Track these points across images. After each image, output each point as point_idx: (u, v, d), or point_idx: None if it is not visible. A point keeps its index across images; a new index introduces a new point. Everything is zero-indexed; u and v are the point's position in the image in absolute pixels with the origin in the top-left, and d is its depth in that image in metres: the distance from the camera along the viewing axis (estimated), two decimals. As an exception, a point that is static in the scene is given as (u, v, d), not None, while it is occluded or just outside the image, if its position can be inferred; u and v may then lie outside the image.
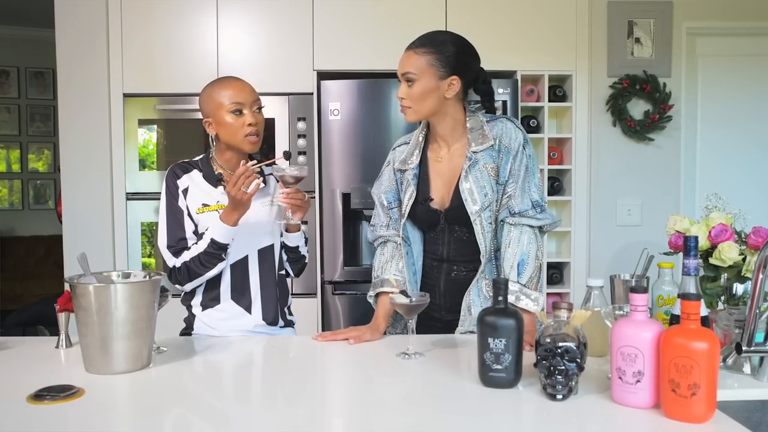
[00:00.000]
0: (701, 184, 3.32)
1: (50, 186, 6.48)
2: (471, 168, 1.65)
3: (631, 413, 1.11)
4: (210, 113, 1.70)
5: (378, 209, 1.80)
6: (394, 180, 1.77)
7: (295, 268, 1.90)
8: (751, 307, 1.22)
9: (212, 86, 1.73)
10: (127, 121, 3.06)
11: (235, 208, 1.62)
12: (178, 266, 1.67)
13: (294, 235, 1.81)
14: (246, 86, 1.71)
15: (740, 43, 3.33)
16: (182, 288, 1.72)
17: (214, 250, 1.64)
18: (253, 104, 1.70)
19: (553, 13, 3.11)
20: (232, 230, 1.64)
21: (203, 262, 1.65)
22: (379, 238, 1.79)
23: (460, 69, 1.63)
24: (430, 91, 1.61)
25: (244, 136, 1.67)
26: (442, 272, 1.73)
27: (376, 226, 1.80)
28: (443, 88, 1.62)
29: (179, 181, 1.72)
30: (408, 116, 1.65)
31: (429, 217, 1.71)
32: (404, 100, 1.64)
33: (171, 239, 1.69)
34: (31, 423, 1.10)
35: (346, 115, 2.98)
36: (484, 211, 1.64)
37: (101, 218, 3.09)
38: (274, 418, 1.16)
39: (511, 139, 1.65)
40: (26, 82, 6.36)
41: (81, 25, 3.07)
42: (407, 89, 1.63)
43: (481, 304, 1.67)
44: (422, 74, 1.60)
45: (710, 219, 1.51)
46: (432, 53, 1.61)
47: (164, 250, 1.69)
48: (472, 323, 1.67)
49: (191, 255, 1.66)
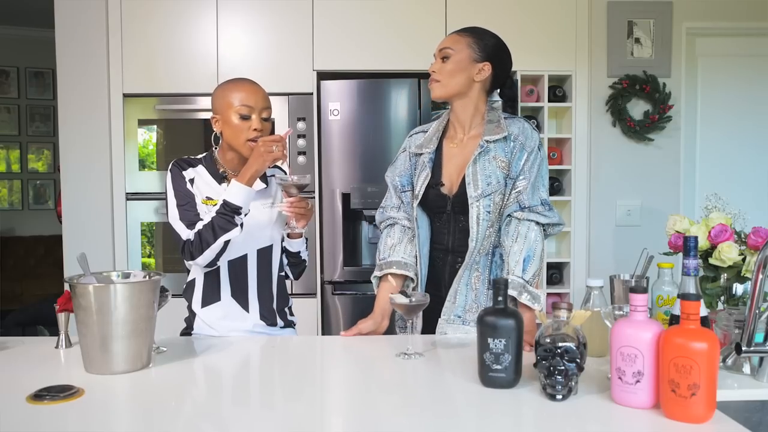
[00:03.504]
0: (701, 184, 3.32)
1: (50, 186, 6.48)
2: (481, 156, 1.67)
3: (631, 413, 1.11)
4: (219, 111, 1.71)
5: (390, 191, 1.83)
6: (409, 164, 1.81)
7: (295, 271, 1.91)
8: (751, 307, 1.22)
9: (226, 85, 1.74)
10: (127, 121, 3.06)
11: (253, 165, 1.62)
12: (191, 238, 1.63)
13: (296, 241, 1.82)
14: (259, 91, 1.72)
15: (740, 43, 3.33)
16: (195, 263, 1.66)
17: (227, 212, 1.61)
18: (263, 111, 1.71)
19: (553, 13, 3.11)
20: (244, 190, 1.62)
21: (215, 228, 1.61)
22: (387, 220, 1.81)
23: (494, 58, 1.71)
24: (463, 69, 1.68)
25: (246, 140, 1.68)
26: (447, 264, 1.75)
27: (386, 208, 1.83)
28: (474, 70, 1.69)
29: (185, 172, 1.73)
30: (435, 90, 1.71)
31: (437, 201, 1.73)
32: (435, 74, 1.70)
33: (184, 216, 1.68)
34: (30, 423, 1.10)
35: (345, 116, 2.98)
36: (484, 198, 1.65)
37: (101, 218, 3.09)
38: (273, 418, 1.16)
39: (527, 137, 1.69)
40: (26, 82, 6.35)
41: (81, 25, 3.08)
42: (441, 64, 1.70)
43: (465, 294, 1.68)
44: (459, 51, 1.69)
45: (710, 219, 1.51)
46: (473, 37, 1.71)
47: (177, 222, 1.67)
48: (454, 312, 1.68)
49: (203, 223, 1.63)
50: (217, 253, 1.64)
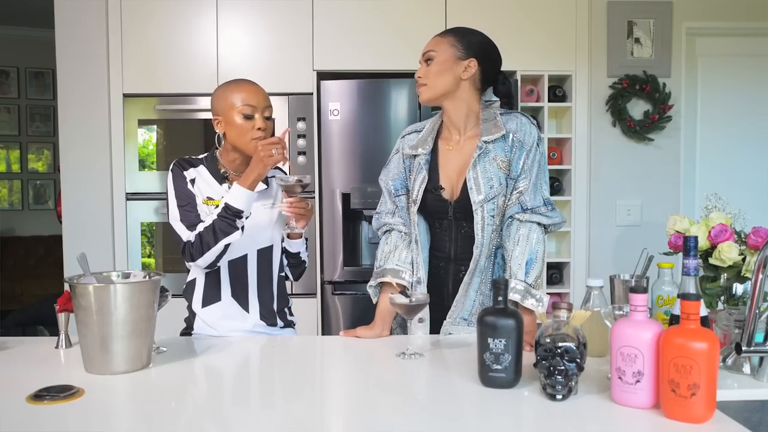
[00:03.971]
0: (701, 184, 3.32)
1: (50, 186, 6.48)
2: (480, 158, 1.63)
3: (631, 413, 1.11)
4: (221, 112, 1.71)
5: (385, 196, 1.79)
6: (403, 167, 1.76)
7: (295, 272, 1.91)
8: (751, 307, 1.22)
9: (227, 86, 1.74)
10: (127, 121, 3.06)
11: (254, 170, 1.62)
12: (192, 240, 1.64)
13: (296, 242, 1.82)
14: (260, 91, 1.72)
15: (740, 43, 3.33)
16: (196, 264, 1.67)
17: (228, 216, 1.61)
18: (265, 110, 1.71)
19: (553, 13, 3.11)
20: (246, 194, 1.62)
21: (216, 231, 1.61)
22: (384, 226, 1.78)
23: (479, 54, 1.67)
24: (447, 68, 1.65)
25: (251, 139, 1.68)
26: (449, 274, 1.71)
27: (382, 214, 1.79)
28: (460, 68, 1.65)
29: (186, 173, 1.73)
30: (422, 94, 1.67)
31: (438, 206, 1.69)
32: (421, 79, 1.67)
33: (185, 217, 1.68)
34: (30, 423, 1.10)
35: (345, 116, 2.98)
36: (488, 202, 1.62)
37: (101, 218, 3.09)
38: (273, 417, 1.16)
39: (525, 134, 1.65)
40: (26, 82, 6.35)
41: (81, 25, 3.08)
42: (425, 68, 1.67)
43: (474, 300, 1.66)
44: (442, 52, 1.66)
45: (710, 219, 1.51)
46: (455, 36, 1.68)
47: (177, 223, 1.68)
48: (461, 315, 1.67)
49: (205, 225, 1.63)
50: (217, 255, 1.64)
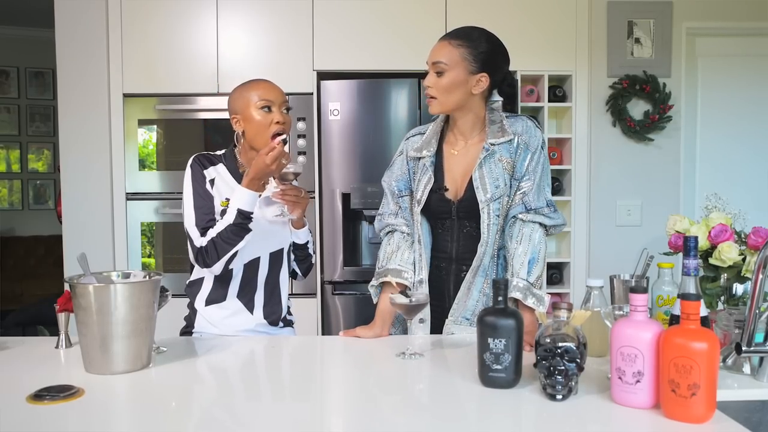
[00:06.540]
0: (701, 184, 3.32)
1: (50, 186, 6.48)
2: (486, 159, 1.64)
3: (631, 413, 1.11)
4: (239, 110, 1.72)
5: (387, 197, 1.79)
6: (407, 169, 1.76)
7: (303, 267, 1.91)
8: (751, 307, 1.22)
9: (243, 85, 1.76)
10: (127, 121, 3.06)
11: (258, 176, 1.63)
12: (204, 245, 1.64)
13: (301, 232, 1.82)
14: (276, 87, 1.75)
15: (740, 43, 3.33)
16: (210, 270, 1.68)
17: (241, 221, 1.62)
18: (282, 104, 1.73)
19: (553, 13, 3.11)
20: (254, 196, 1.64)
21: (230, 236, 1.62)
22: (386, 227, 1.78)
23: (490, 67, 1.64)
24: (459, 84, 1.62)
25: (271, 134, 1.69)
26: (451, 274, 1.71)
27: (384, 215, 1.78)
28: (471, 83, 1.63)
29: (206, 171, 1.73)
30: (433, 107, 1.66)
31: (441, 206, 1.69)
32: (431, 89, 1.64)
33: (200, 220, 1.68)
34: (30, 423, 1.10)
35: (345, 116, 2.98)
36: (493, 202, 1.63)
37: (101, 218, 3.09)
38: (274, 417, 1.16)
39: (531, 137, 1.66)
40: (26, 82, 6.35)
41: (81, 25, 3.08)
42: (435, 79, 1.63)
43: (477, 300, 1.66)
44: (454, 66, 1.61)
45: (710, 219, 1.51)
46: (466, 47, 1.62)
47: (193, 228, 1.68)
48: (463, 315, 1.67)
49: (217, 231, 1.64)
50: (229, 259, 1.66)
